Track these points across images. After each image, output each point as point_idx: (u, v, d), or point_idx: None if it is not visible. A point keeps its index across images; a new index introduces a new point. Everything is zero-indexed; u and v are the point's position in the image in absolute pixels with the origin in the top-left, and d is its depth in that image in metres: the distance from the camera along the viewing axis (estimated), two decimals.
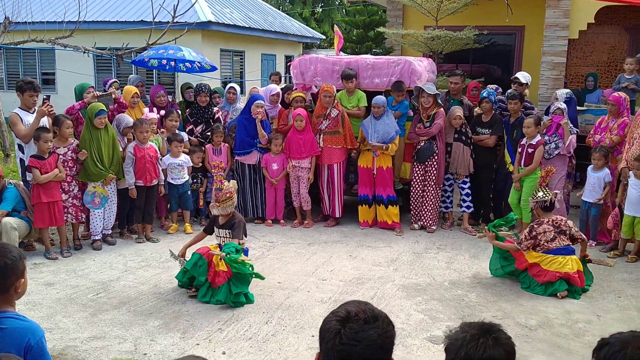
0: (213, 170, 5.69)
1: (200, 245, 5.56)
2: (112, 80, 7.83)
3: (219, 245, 5.47)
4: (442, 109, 7.30)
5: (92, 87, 7.21)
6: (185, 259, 5.48)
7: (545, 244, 5.52)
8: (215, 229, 5.53)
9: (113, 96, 6.92)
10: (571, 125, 7.14)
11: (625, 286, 5.68)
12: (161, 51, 8.77)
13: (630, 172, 6.33)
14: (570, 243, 5.56)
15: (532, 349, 4.37)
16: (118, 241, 6.91)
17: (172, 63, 8.95)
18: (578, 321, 4.89)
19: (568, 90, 7.75)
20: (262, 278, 5.21)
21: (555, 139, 7.03)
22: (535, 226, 5.60)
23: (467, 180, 7.47)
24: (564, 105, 7.14)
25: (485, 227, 5.99)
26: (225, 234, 5.42)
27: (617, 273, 6.04)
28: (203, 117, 7.86)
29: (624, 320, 4.91)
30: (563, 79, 10.44)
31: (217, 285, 5.11)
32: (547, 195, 5.66)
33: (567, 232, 5.55)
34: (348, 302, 1.83)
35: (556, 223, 5.57)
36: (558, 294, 5.32)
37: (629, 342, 1.81)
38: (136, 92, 7.40)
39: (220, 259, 5.09)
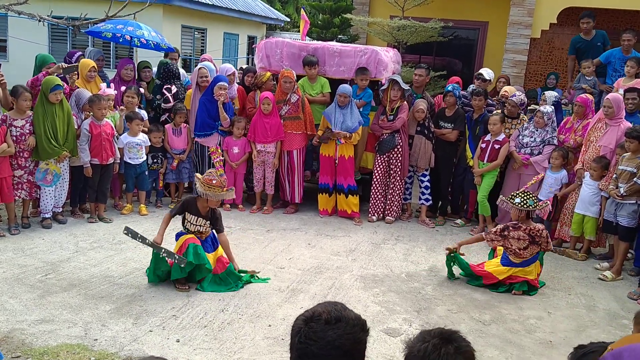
0: (213, 156, 5.48)
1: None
2: (79, 53, 7.52)
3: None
4: (406, 103, 7.31)
5: (54, 63, 6.86)
6: (165, 248, 5.08)
7: (517, 250, 5.44)
8: (190, 216, 5.18)
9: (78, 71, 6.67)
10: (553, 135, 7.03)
11: (575, 284, 5.84)
12: (120, 26, 8.43)
13: (586, 173, 6.49)
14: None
15: (485, 344, 4.44)
16: (69, 220, 6.68)
17: (127, 37, 8.59)
18: (529, 317, 5.00)
19: (555, 94, 7.79)
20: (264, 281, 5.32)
21: (550, 133, 6.98)
22: (511, 228, 5.48)
23: (427, 173, 7.52)
24: (547, 109, 6.98)
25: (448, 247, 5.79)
26: (203, 224, 5.19)
27: (567, 271, 6.20)
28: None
29: (573, 317, 5.05)
30: (523, 77, 10.62)
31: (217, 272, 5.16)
32: (537, 206, 5.49)
33: (539, 242, 5.45)
34: (323, 302, 1.83)
35: (532, 233, 5.42)
36: (513, 291, 5.42)
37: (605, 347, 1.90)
38: (93, 66, 7.10)
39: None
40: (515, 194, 5.61)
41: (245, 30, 19.34)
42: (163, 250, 4.99)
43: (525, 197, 5.49)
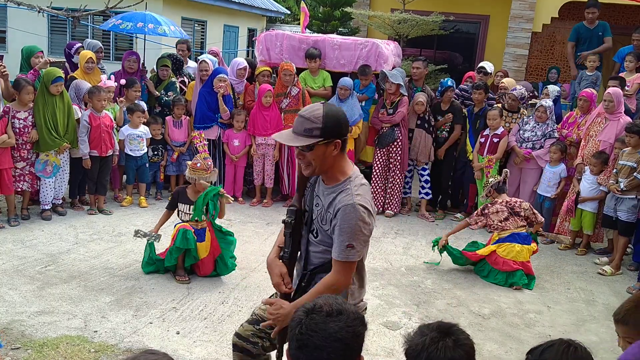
0: (195, 141, 5.49)
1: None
2: (78, 45, 7.47)
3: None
4: (405, 97, 7.28)
5: (42, 51, 6.82)
6: (157, 234, 5.14)
7: (499, 223, 5.66)
8: (182, 205, 5.21)
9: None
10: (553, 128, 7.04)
11: (575, 278, 5.85)
12: (140, 24, 8.22)
13: (586, 168, 6.49)
14: (527, 226, 5.71)
15: (484, 337, 4.45)
16: (69, 212, 6.67)
17: (151, 25, 8.46)
18: (529, 311, 5.00)
19: (557, 88, 7.78)
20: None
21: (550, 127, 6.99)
22: (489, 205, 5.84)
23: (427, 167, 7.52)
24: (548, 103, 7.02)
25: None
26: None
27: (567, 265, 6.21)
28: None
29: (572, 311, 5.06)
30: (524, 71, 10.60)
31: (202, 274, 5.15)
32: (496, 178, 5.98)
33: (522, 214, 5.70)
34: (323, 295, 1.84)
35: (510, 204, 5.75)
36: (514, 287, 5.42)
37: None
38: (91, 57, 7.02)
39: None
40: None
41: (246, 23, 19.26)
42: (140, 232, 5.14)
43: (486, 181, 6.17)
